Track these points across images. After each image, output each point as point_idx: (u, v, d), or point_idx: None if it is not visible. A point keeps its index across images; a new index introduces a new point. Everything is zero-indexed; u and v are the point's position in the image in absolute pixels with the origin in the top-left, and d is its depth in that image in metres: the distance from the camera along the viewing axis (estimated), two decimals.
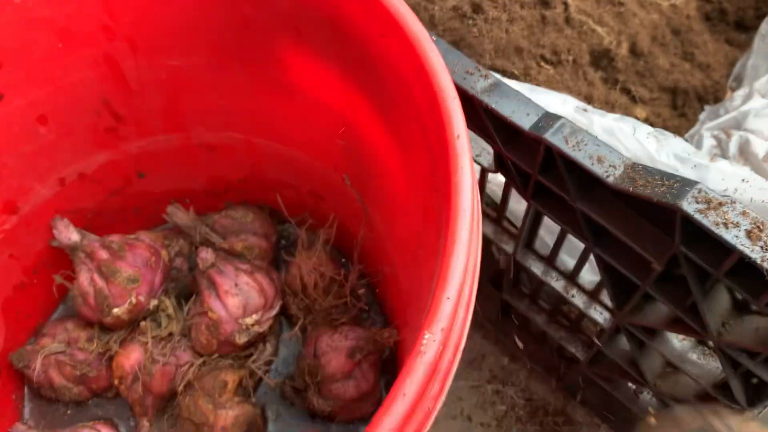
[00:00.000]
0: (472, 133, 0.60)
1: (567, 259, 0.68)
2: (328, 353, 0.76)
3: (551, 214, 0.58)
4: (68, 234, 0.77)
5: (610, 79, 0.87)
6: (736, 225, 0.45)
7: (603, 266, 0.57)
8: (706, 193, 0.46)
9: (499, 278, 0.78)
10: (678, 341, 0.61)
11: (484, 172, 0.67)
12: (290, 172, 0.83)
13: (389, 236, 0.74)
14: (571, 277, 0.68)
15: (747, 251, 0.44)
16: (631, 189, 0.48)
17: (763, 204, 0.60)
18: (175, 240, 0.86)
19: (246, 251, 0.84)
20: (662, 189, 0.47)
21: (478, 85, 0.55)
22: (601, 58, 0.86)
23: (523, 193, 0.59)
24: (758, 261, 0.43)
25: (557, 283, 0.69)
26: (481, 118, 0.56)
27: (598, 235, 0.56)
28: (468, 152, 0.45)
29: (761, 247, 0.44)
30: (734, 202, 0.45)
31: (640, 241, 0.52)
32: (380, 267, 0.81)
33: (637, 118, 0.86)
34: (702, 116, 0.83)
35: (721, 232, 0.44)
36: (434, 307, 0.39)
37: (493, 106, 0.54)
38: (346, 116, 0.67)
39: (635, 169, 0.49)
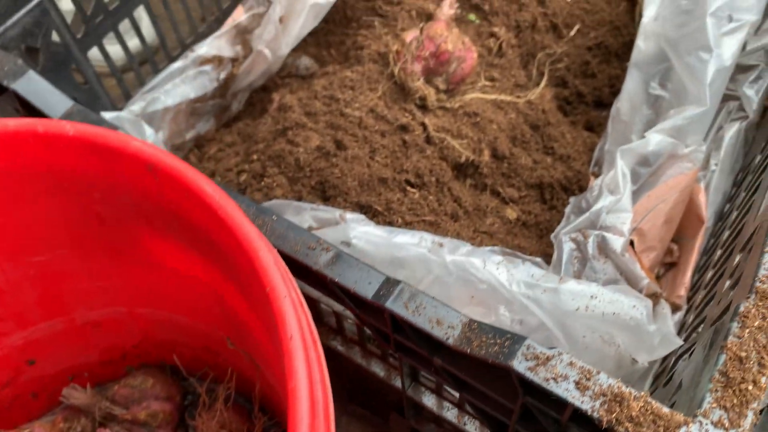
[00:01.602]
0: None
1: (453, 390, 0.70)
2: None
3: (417, 365, 0.60)
4: None
5: (479, 186, 0.90)
6: (565, 378, 0.47)
7: (474, 408, 0.59)
8: (534, 348, 0.48)
9: (403, 406, 0.78)
10: None
11: None
12: (181, 334, 0.83)
13: (281, 390, 0.74)
14: (461, 406, 0.69)
15: (578, 403, 0.46)
16: (468, 351, 0.50)
17: (615, 316, 0.62)
18: (76, 420, 0.84)
19: (150, 419, 0.83)
20: (495, 348, 0.49)
21: (321, 260, 0.57)
22: (467, 168, 0.90)
23: (388, 348, 0.61)
24: (589, 412, 0.45)
25: (450, 413, 0.70)
26: (331, 288, 0.58)
27: (462, 382, 0.57)
28: (302, 352, 0.46)
29: (590, 397, 0.46)
30: (561, 354, 0.48)
31: (495, 389, 0.54)
32: (284, 416, 0.81)
33: (509, 218, 0.90)
34: (567, 209, 0.87)
35: (552, 387, 0.47)
36: None
37: (337, 279, 0.56)
38: (215, 288, 0.68)
39: (471, 327, 0.51)
